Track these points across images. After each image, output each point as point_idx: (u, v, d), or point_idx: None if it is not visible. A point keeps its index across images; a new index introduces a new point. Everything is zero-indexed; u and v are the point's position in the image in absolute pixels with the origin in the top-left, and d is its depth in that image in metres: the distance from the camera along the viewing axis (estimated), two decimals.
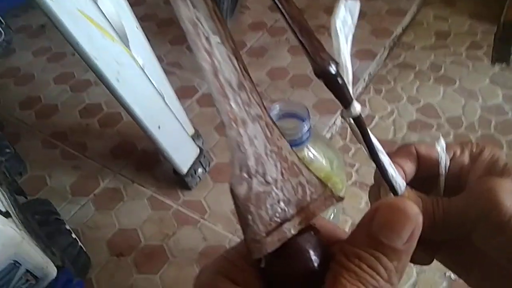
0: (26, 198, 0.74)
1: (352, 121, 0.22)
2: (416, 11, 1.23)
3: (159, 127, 0.75)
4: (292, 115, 0.45)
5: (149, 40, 0.80)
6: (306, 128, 0.42)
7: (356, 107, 0.21)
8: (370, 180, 0.28)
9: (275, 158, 0.21)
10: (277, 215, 0.21)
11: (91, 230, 0.82)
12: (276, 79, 1.09)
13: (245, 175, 0.20)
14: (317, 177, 0.22)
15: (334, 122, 0.96)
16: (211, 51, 0.19)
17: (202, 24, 0.18)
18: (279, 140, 0.22)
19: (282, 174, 0.22)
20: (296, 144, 0.44)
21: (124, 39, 0.68)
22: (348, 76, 0.21)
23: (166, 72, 0.86)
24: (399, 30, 1.17)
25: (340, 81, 0.20)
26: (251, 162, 0.20)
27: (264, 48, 1.18)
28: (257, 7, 1.32)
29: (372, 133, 0.23)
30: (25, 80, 1.15)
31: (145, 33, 0.79)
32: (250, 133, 0.20)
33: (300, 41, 0.19)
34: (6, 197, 0.63)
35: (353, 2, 0.21)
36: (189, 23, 0.18)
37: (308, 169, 0.22)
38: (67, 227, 0.71)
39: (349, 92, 0.21)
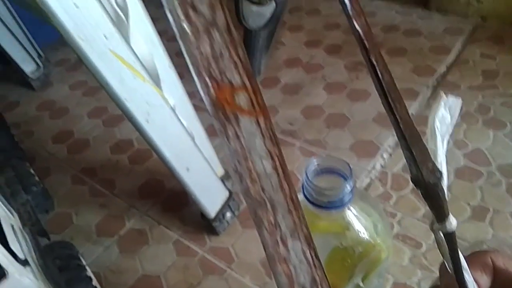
0: (49, 239, 0.72)
1: (442, 234, 0.19)
2: (461, 48, 1.17)
3: (187, 169, 0.71)
4: (332, 171, 0.40)
5: (182, 76, 0.78)
6: (349, 188, 0.37)
7: (452, 223, 0.18)
8: (414, 233, 0.23)
9: None
10: None
11: (113, 275, 0.78)
12: (311, 117, 1.05)
13: None
14: None
15: (374, 167, 0.89)
16: (288, 257, 0.16)
17: (279, 222, 0.15)
18: None
19: None
20: (336, 206, 0.39)
21: (155, 79, 0.65)
22: (444, 182, 0.18)
23: (197, 108, 0.83)
24: (443, 68, 1.11)
25: (440, 194, 0.17)
26: None
27: (299, 85, 1.14)
28: (293, 43, 1.30)
29: None
30: (59, 114, 1.16)
31: (179, 68, 0.77)
32: None
33: (408, 148, 0.16)
34: (28, 240, 0.61)
35: (455, 99, 0.18)
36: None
37: None
38: (88, 273, 0.68)
39: (446, 204, 0.18)
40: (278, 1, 0.81)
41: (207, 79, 0.15)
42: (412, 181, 0.17)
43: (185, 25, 0.15)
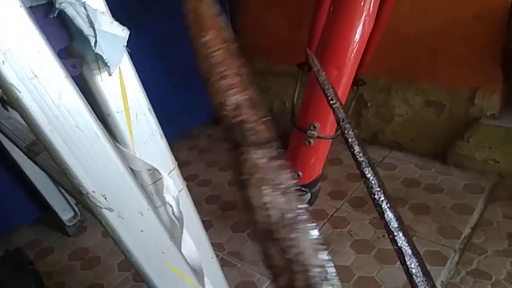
0: None
1: None
2: (483, 208, 1.20)
3: None
4: None
5: (211, 225, 0.80)
6: None
7: None
8: None
9: None
10: None
11: None
12: (340, 280, 1.05)
13: None
14: None
15: None
16: None
17: None
18: None
19: None
20: None
21: (199, 272, 0.69)
22: None
23: (225, 262, 0.83)
24: (467, 230, 1.14)
25: None
26: None
27: (326, 242, 1.17)
28: (319, 193, 1.36)
29: None
30: (91, 264, 1.19)
31: (208, 216, 0.78)
32: None
33: None
34: None
35: None
36: None
37: None
38: None
39: None
40: (313, 192, 0.88)
41: None
42: None
43: None
